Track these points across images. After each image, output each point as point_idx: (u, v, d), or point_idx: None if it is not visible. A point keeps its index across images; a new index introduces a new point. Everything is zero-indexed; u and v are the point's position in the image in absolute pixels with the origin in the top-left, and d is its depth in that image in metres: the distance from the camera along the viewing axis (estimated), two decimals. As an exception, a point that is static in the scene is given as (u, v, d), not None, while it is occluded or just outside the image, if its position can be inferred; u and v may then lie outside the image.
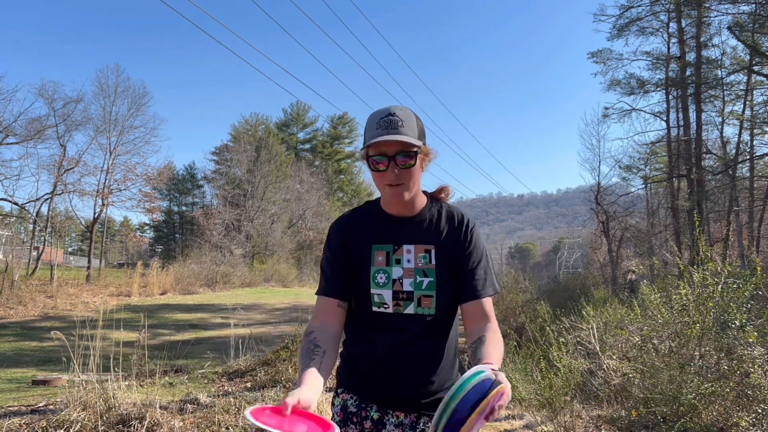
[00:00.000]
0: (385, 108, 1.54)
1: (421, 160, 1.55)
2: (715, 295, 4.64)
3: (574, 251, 51.66)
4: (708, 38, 19.74)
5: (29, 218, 22.98)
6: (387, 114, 1.51)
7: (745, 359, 4.18)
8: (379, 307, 1.60)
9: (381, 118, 1.50)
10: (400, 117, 1.50)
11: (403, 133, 1.48)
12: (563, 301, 12.05)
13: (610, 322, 6.49)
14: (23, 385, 6.32)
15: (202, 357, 8.30)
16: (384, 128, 1.48)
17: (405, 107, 1.57)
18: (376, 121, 1.51)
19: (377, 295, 1.60)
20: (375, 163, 1.53)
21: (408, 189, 1.54)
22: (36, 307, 15.03)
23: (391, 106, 1.54)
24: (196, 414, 4.32)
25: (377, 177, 1.55)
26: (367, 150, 1.54)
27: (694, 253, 6.12)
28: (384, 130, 1.48)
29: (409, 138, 1.48)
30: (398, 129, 1.48)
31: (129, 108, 26.05)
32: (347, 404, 1.66)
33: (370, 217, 1.68)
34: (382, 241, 1.63)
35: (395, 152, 1.49)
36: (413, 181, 1.54)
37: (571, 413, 4.48)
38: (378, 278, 1.60)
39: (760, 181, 19.78)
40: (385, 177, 1.52)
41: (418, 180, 1.57)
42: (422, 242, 1.61)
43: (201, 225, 34.55)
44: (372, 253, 1.62)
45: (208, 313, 15.37)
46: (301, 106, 52.59)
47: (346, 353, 1.71)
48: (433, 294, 1.58)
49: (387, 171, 1.51)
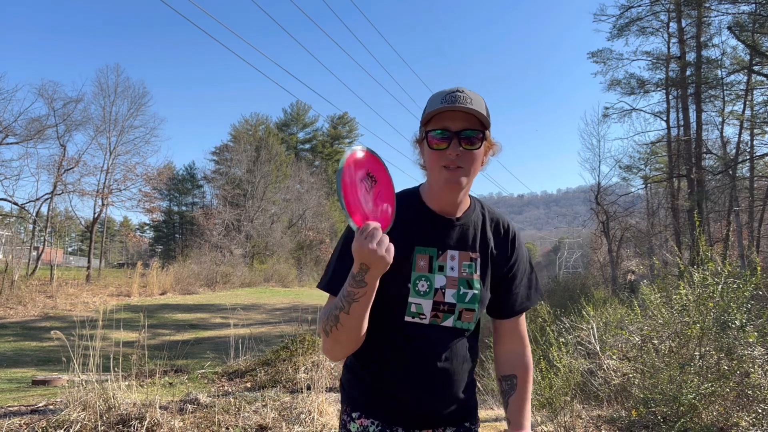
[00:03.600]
0: (452, 87, 1.36)
1: (485, 148, 1.37)
2: (715, 295, 4.64)
3: (574, 251, 51.68)
4: (708, 38, 19.76)
5: (29, 218, 22.98)
6: (455, 90, 1.33)
7: (745, 359, 4.18)
8: (414, 317, 1.39)
9: (447, 94, 1.33)
10: (469, 95, 1.32)
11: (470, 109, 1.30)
12: (563, 301, 12.07)
13: (610, 322, 6.48)
14: (23, 385, 6.32)
15: (202, 357, 8.30)
16: (450, 102, 1.30)
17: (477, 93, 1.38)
18: (442, 97, 1.33)
19: (415, 305, 1.39)
20: (434, 139, 1.33)
21: (467, 175, 1.34)
22: (36, 307, 15.03)
23: (459, 87, 1.35)
24: (196, 414, 4.32)
25: (434, 157, 1.34)
26: (425, 128, 1.36)
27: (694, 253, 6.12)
28: (450, 104, 1.30)
29: (480, 112, 1.30)
30: (467, 104, 1.30)
31: (129, 108, 26.12)
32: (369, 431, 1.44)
33: (410, 210, 1.43)
34: (427, 243, 1.41)
35: (461, 128, 1.31)
36: (474, 168, 1.35)
37: (571, 413, 4.48)
38: (419, 286, 1.38)
39: (760, 181, 19.79)
40: (443, 156, 1.32)
41: (477, 170, 1.38)
42: (468, 249, 1.42)
43: (201, 225, 34.55)
44: (414, 256, 1.39)
45: (207, 313, 15.37)
46: (301, 106, 52.61)
47: (362, 371, 1.46)
48: (475, 308, 1.41)
49: (448, 149, 1.31)
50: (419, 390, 1.39)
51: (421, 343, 1.39)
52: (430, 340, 1.39)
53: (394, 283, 1.37)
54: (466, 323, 1.42)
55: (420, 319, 1.39)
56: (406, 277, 1.38)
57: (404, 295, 1.38)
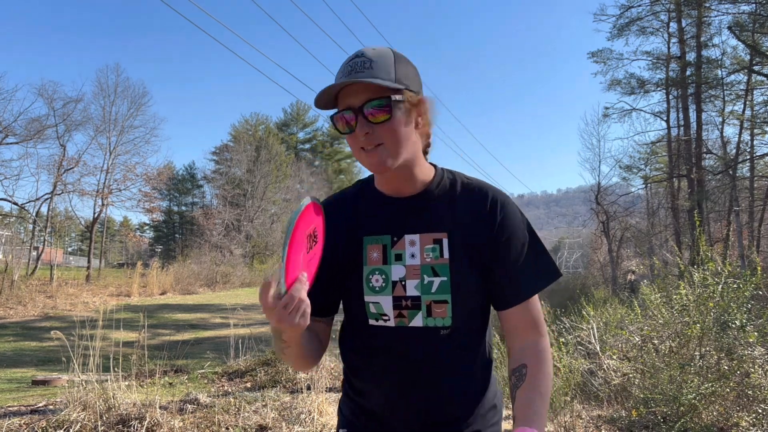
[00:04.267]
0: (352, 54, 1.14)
1: (407, 112, 1.12)
2: (715, 295, 4.64)
3: (574, 251, 51.68)
4: (708, 38, 19.77)
5: (29, 218, 22.99)
6: (353, 57, 1.12)
7: (745, 359, 4.18)
8: (377, 319, 1.19)
9: (346, 63, 1.12)
10: (370, 57, 1.10)
11: (372, 75, 1.08)
12: (563, 301, 12.07)
13: (610, 322, 6.48)
14: (23, 385, 6.32)
15: (202, 357, 8.30)
16: (347, 74, 1.09)
17: (384, 47, 1.16)
18: (342, 69, 1.12)
19: (373, 304, 1.19)
20: (338, 122, 1.13)
21: (391, 154, 1.12)
22: (36, 307, 15.03)
23: (362, 48, 1.14)
24: (196, 414, 4.32)
25: (349, 141, 1.15)
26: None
27: (694, 253, 6.12)
28: (346, 75, 1.09)
29: (376, 80, 1.07)
30: (364, 71, 1.08)
31: (129, 108, 26.15)
32: None
33: (360, 201, 1.26)
34: (378, 231, 1.21)
35: (362, 102, 1.09)
36: (397, 140, 1.11)
37: (571, 413, 4.48)
38: (373, 281, 1.19)
39: (760, 181, 19.79)
40: (356, 139, 1.12)
41: (407, 140, 1.13)
42: (430, 230, 1.18)
43: (201, 225, 34.57)
44: (364, 249, 1.21)
45: (207, 313, 15.38)
46: (301, 106, 52.62)
47: (349, 387, 1.29)
48: (447, 299, 1.16)
49: (356, 129, 1.11)
50: (399, 409, 1.19)
51: (389, 352, 1.19)
52: (397, 348, 1.18)
53: (351, 285, 1.21)
54: (439, 319, 1.16)
55: (384, 321, 1.19)
56: (360, 273, 1.20)
57: (360, 294, 1.20)
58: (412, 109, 1.14)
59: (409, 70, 1.15)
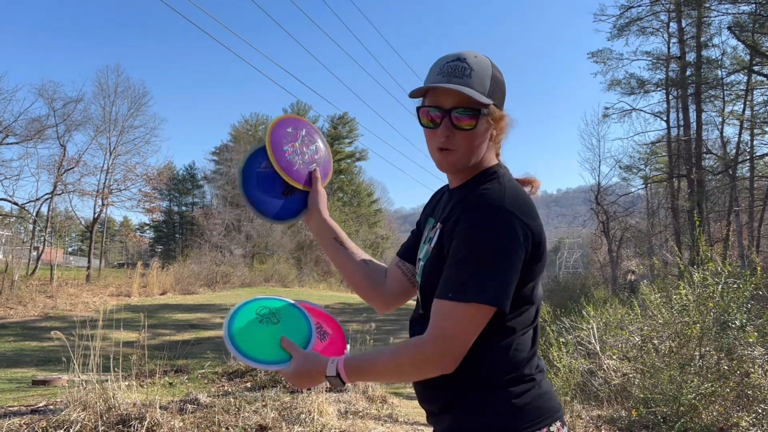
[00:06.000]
0: (456, 52, 1.22)
1: (487, 125, 1.21)
2: (715, 295, 4.64)
3: (574, 251, 51.71)
4: (708, 38, 19.79)
5: (29, 218, 22.99)
6: (455, 59, 1.20)
7: (745, 359, 4.18)
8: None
9: (446, 62, 1.20)
10: (470, 64, 1.18)
11: (468, 84, 1.16)
12: (563, 301, 12.08)
13: (610, 322, 6.48)
14: (23, 385, 6.32)
15: (202, 357, 8.30)
16: (446, 75, 1.18)
17: (484, 56, 1.22)
18: (440, 66, 1.21)
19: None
20: (425, 115, 1.21)
21: (461, 159, 1.21)
22: (36, 307, 15.03)
23: (464, 51, 1.22)
24: (196, 414, 4.32)
25: (428, 136, 1.23)
26: (423, 102, 1.24)
27: (694, 253, 6.13)
28: (445, 77, 1.18)
29: (471, 91, 1.15)
30: (463, 78, 1.17)
31: (129, 108, 26.08)
32: None
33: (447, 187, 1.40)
34: (430, 214, 1.39)
35: (452, 106, 1.17)
36: (470, 149, 1.20)
37: (571, 413, 4.49)
38: (420, 255, 1.35)
39: (760, 181, 19.79)
40: (434, 136, 1.21)
41: (478, 150, 1.22)
42: (442, 220, 1.26)
43: (201, 225, 34.58)
44: (425, 226, 1.38)
45: (208, 313, 15.38)
46: (301, 106, 52.55)
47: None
48: (419, 280, 1.30)
49: (439, 128, 1.19)
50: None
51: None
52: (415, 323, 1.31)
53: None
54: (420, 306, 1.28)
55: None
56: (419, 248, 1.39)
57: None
58: (494, 124, 1.23)
59: (500, 85, 1.23)
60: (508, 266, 1.09)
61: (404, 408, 5.37)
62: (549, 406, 1.21)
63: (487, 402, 1.16)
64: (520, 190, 1.20)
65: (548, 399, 1.22)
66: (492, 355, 1.17)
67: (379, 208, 55.47)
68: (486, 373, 1.17)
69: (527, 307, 1.20)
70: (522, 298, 1.17)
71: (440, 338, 1.11)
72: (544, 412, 1.19)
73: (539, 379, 1.22)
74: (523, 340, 1.20)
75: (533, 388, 1.19)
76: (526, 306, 1.19)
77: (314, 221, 1.55)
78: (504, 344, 1.17)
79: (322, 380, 1.24)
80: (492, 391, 1.16)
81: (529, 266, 1.14)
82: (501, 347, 1.17)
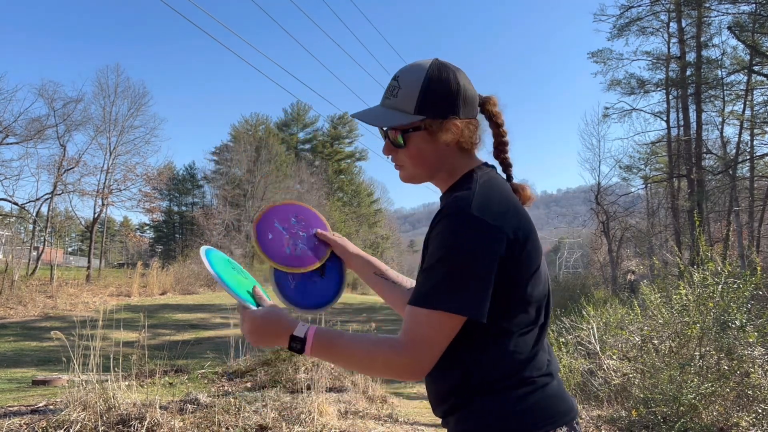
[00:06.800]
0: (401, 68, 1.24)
1: (428, 137, 1.19)
2: (715, 295, 4.65)
3: (574, 251, 51.68)
4: (708, 38, 19.79)
5: (29, 218, 23.00)
6: (393, 76, 1.24)
7: (745, 359, 4.18)
8: None
9: (390, 80, 1.25)
10: (400, 82, 1.21)
11: (393, 105, 1.20)
12: (563, 301, 12.07)
13: (610, 322, 6.49)
14: (23, 385, 6.32)
15: (202, 357, 8.30)
16: (384, 94, 1.25)
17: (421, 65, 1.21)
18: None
19: None
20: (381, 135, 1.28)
21: (413, 174, 1.26)
22: (36, 307, 15.03)
23: (405, 65, 1.23)
24: (196, 414, 4.32)
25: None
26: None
27: (694, 253, 6.13)
28: (384, 96, 1.25)
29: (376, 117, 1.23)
30: (390, 99, 1.22)
31: (129, 108, 26.14)
32: None
33: None
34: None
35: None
36: (416, 164, 1.23)
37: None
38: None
39: (760, 181, 19.80)
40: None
41: (429, 162, 1.23)
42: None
43: (201, 225, 34.58)
44: None
45: (208, 313, 15.38)
46: (301, 106, 52.60)
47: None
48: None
49: (384, 149, 1.27)
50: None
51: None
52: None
53: None
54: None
55: None
56: None
57: None
58: (435, 132, 1.18)
59: (442, 92, 1.18)
60: (476, 273, 1.06)
61: (404, 408, 5.38)
62: (554, 409, 1.15)
63: (484, 406, 1.13)
64: (493, 191, 1.16)
65: (555, 402, 1.16)
66: (486, 359, 1.14)
67: (379, 208, 55.47)
68: (481, 378, 1.14)
69: (523, 308, 1.15)
70: (514, 299, 1.13)
71: (414, 344, 1.10)
72: (548, 416, 1.13)
73: (543, 382, 1.16)
74: (521, 341, 1.15)
75: (535, 390, 1.14)
76: (521, 307, 1.15)
77: (353, 264, 1.58)
78: (499, 348, 1.14)
79: (285, 340, 1.15)
80: (489, 396, 1.13)
81: (511, 267, 1.10)
82: (495, 351, 1.14)
